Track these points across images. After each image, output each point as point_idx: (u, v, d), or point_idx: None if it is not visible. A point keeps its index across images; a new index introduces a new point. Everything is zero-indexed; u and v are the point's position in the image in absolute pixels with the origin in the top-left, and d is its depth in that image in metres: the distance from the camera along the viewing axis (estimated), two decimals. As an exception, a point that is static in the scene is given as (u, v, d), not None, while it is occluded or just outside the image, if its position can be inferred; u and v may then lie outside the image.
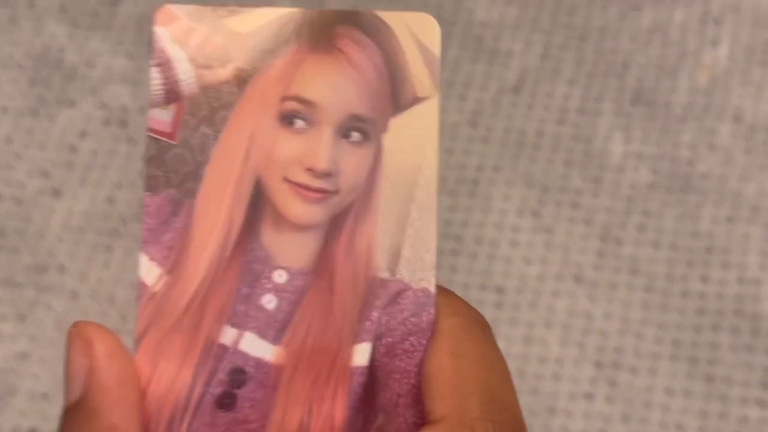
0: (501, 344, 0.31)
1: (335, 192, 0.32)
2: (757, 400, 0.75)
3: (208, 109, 0.32)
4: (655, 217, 0.83)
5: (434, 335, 0.31)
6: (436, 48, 0.34)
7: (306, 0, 0.92)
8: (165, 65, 0.32)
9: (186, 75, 0.32)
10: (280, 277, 0.32)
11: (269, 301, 0.32)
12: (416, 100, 0.32)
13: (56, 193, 0.83)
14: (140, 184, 0.86)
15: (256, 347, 0.31)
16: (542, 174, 0.85)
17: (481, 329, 0.31)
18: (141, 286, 0.31)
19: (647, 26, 0.94)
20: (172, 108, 0.32)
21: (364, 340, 0.31)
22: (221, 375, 0.31)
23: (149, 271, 0.32)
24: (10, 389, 0.78)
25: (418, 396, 0.30)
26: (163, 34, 0.32)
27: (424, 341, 0.31)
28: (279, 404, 0.31)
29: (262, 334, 0.31)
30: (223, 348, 0.31)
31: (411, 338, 0.31)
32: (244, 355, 0.31)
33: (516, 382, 0.30)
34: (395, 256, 0.32)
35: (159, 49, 0.32)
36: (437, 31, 0.35)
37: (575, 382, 0.76)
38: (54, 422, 0.78)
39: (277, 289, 0.32)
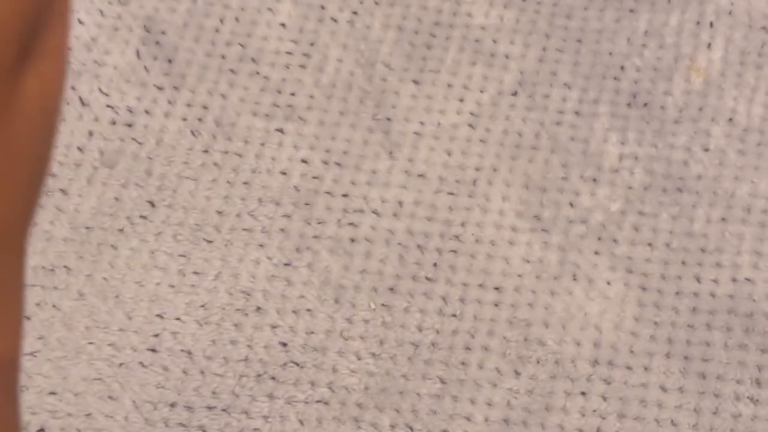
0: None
1: None
2: (750, 397, 0.76)
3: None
4: (650, 217, 0.83)
5: None
6: None
7: (306, 1, 0.93)
8: None
9: None
10: None
11: None
12: None
13: (63, 192, 0.84)
14: (147, 183, 0.86)
15: None
16: (540, 175, 0.86)
17: None
18: None
19: (643, 30, 0.94)
20: None
21: None
22: None
23: None
24: (19, 388, 0.78)
25: None
26: None
27: None
28: None
29: None
30: None
31: None
32: None
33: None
34: None
35: None
36: None
37: (571, 380, 0.76)
38: (62, 420, 0.78)
39: None
